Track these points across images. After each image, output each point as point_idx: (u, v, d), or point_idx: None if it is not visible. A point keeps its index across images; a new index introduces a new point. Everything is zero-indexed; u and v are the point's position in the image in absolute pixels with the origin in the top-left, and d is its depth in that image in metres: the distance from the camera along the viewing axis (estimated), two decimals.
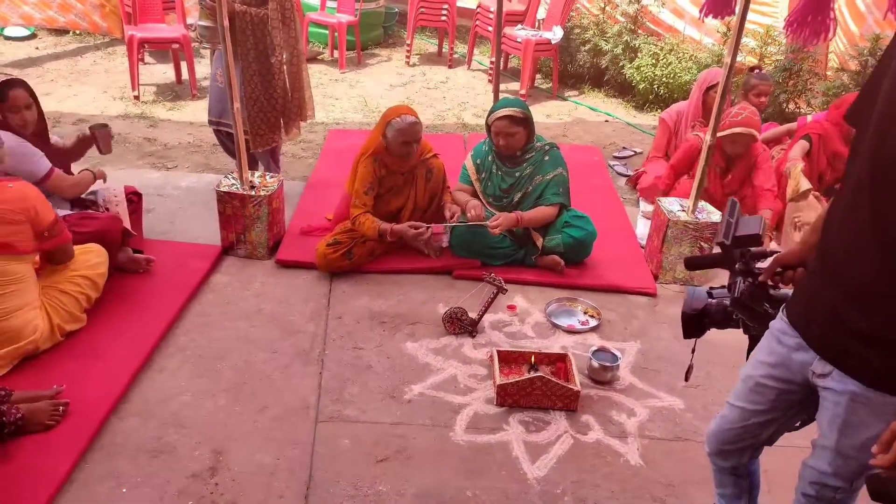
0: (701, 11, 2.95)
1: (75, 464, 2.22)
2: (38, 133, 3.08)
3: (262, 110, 3.62)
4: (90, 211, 3.15)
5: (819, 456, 1.56)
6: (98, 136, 3.24)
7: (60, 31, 6.72)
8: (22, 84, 3.00)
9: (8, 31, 6.57)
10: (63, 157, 3.25)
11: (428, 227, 3.33)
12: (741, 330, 1.75)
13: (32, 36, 6.67)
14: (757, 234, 1.66)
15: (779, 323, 1.60)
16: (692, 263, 1.92)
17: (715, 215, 3.43)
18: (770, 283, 1.66)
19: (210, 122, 3.88)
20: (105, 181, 3.31)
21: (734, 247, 1.67)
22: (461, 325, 3.03)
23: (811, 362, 1.51)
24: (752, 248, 1.67)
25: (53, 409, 2.33)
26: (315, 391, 2.65)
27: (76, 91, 5.56)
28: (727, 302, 1.72)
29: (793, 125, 4.52)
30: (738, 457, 1.81)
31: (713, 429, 1.82)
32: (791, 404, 1.63)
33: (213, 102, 3.78)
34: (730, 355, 2.87)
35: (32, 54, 6.31)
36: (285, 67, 3.58)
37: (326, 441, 2.43)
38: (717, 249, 3.46)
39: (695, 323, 1.76)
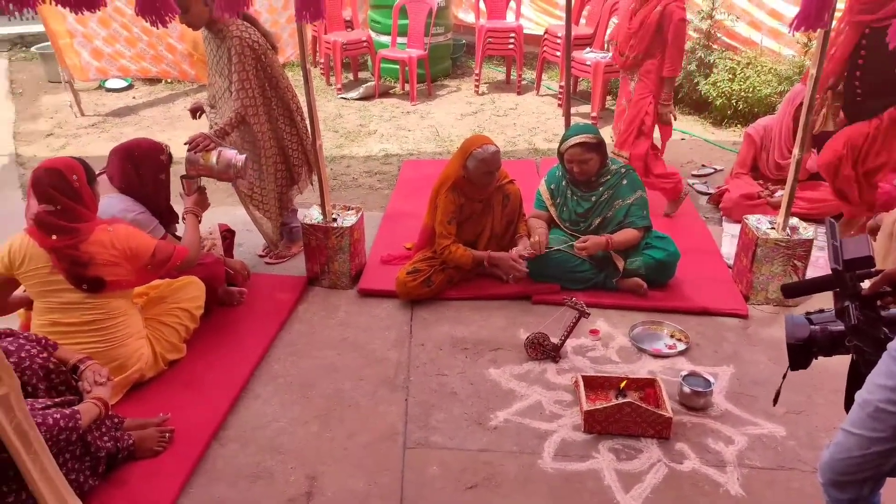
0: (791, 26, 2.82)
1: (181, 488, 2.33)
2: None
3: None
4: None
5: None
6: (185, 183, 3.21)
7: (154, 81, 7.23)
8: None
9: (109, 84, 7.13)
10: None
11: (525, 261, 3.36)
12: (851, 356, 1.65)
13: (130, 87, 7.22)
14: (869, 256, 1.56)
15: None
16: (790, 290, 1.80)
17: (808, 231, 3.28)
18: (880, 303, 1.56)
19: None
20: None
21: (846, 270, 1.58)
22: (543, 350, 3.01)
23: None
24: (860, 271, 1.57)
25: (160, 435, 2.47)
26: (402, 418, 2.68)
27: (169, 136, 5.93)
28: (833, 328, 1.62)
29: None
30: (857, 489, 1.68)
31: (827, 458, 1.70)
32: None
33: None
34: (831, 380, 2.71)
35: (130, 104, 6.82)
36: None
37: (415, 467, 2.45)
38: (810, 272, 3.26)
39: (802, 353, 1.66)
